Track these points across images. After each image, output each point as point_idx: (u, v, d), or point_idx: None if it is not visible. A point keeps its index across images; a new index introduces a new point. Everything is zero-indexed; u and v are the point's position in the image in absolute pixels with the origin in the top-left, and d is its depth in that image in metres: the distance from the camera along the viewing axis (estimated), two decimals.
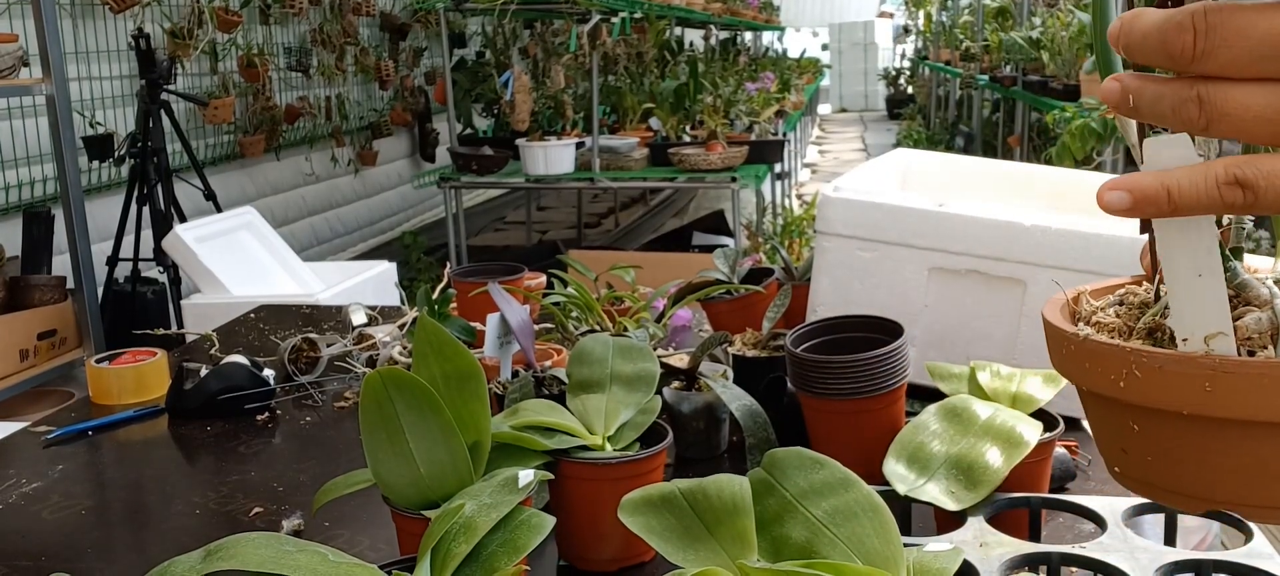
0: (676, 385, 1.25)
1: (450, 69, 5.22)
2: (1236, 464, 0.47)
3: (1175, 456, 0.48)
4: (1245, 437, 0.46)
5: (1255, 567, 0.83)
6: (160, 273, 3.94)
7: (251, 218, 3.42)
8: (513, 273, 1.72)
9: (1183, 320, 0.47)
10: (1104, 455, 0.52)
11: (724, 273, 1.62)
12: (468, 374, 0.86)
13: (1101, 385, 0.49)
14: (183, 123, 4.40)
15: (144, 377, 1.56)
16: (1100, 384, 0.49)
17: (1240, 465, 0.47)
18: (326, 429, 1.43)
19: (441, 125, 6.99)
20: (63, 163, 3.18)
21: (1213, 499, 0.48)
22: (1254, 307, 0.48)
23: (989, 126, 9.74)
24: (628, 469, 0.94)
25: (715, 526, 0.73)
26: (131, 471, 1.36)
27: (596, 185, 4.95)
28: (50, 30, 3.11)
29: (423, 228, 6.98)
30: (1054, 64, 5.98)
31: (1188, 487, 0.48)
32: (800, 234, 5.60)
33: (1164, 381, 0.47)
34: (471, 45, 7.20)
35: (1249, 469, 0.47)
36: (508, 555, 0.72)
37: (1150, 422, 0.49)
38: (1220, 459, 0.47)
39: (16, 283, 3.40)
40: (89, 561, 1.08)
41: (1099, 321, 0.51)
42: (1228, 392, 0.45)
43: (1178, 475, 0.48)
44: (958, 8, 12.19)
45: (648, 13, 5.62)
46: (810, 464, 0.74)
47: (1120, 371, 0.47)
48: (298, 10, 5.48)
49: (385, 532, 1.07)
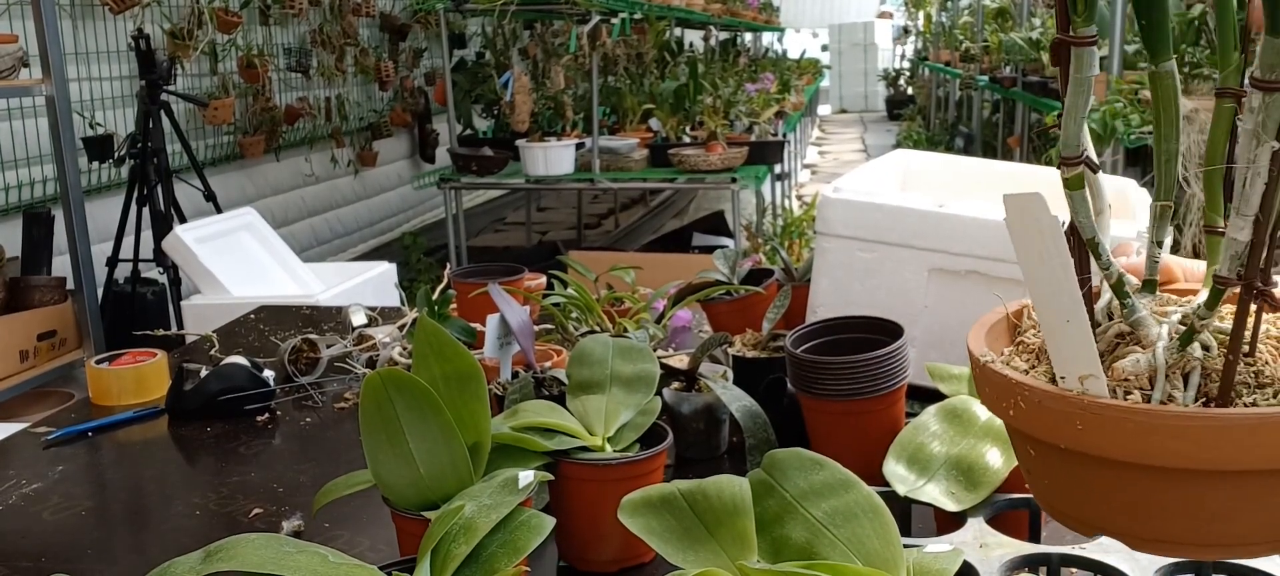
0: (676, 386, 1.25)
1: (450, 70, 5.22)
2: (1115, 498, 0.47)
3: (1064, 486, 0.48)
4: (1118, 475, 0.46)
5: (1255, 568, 0.83)
6: (160, 273, 3.94)
7: (251, 218, 3.42)
8: (513, 273, 1.72)
9: (1059, 361, 0.47)
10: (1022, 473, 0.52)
11: (724, 273, 1.62)
12: (468, 375, 0.86)
13: (996, 410, 0.49)
14: (183, 123, 4.40)
15: (144, 378, 1.56)
16: (995, 409, 0.49)
17: (1119, 500, 0.47)
18: (326, 430, 1.43)
19: (441, 126, 7.00)
20: (63, 163, 3.18)
21: (1101, 528, 0.48)
22: (1139, 348, 0.47)
23: (989, 127, 9.74)
24: (628, 470, 0.94)
25: (715, 527, 0.73)
26: (131, 472, 1.36)
27: (596, 186, 4.95)
28: (50, 31, 3.11)
29: (423, 228, 6.97)
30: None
31: (1079, 514, 0.48)
32: (800, 235, 5.60)
33: (1044, 416, 0.47)
34: (471, 46, 7.20)
35: (1128, 504, 0.47)
36: (508, 556, 0.72)
37: (1040, 451, 0.49)
38: (1100, 493, 0.48)
39: (16, 283, 3.40)
40: (89, 562, 1.08)
41: (1023, 343, 0.51)
42: (1096, 432, 0.46)
43: (1069, 502, 0.48)
44: (957, 9, 12.19)
45: (648, 14, 5.62)
46: (810, 465, 0.74)
47: (1010, 401, 0.48)
48: (297, 11, 5.48)
49: (385, 533, 1.07)
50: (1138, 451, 0.45)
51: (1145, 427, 0.44)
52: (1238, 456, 0.42)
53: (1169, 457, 0.44)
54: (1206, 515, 0.44)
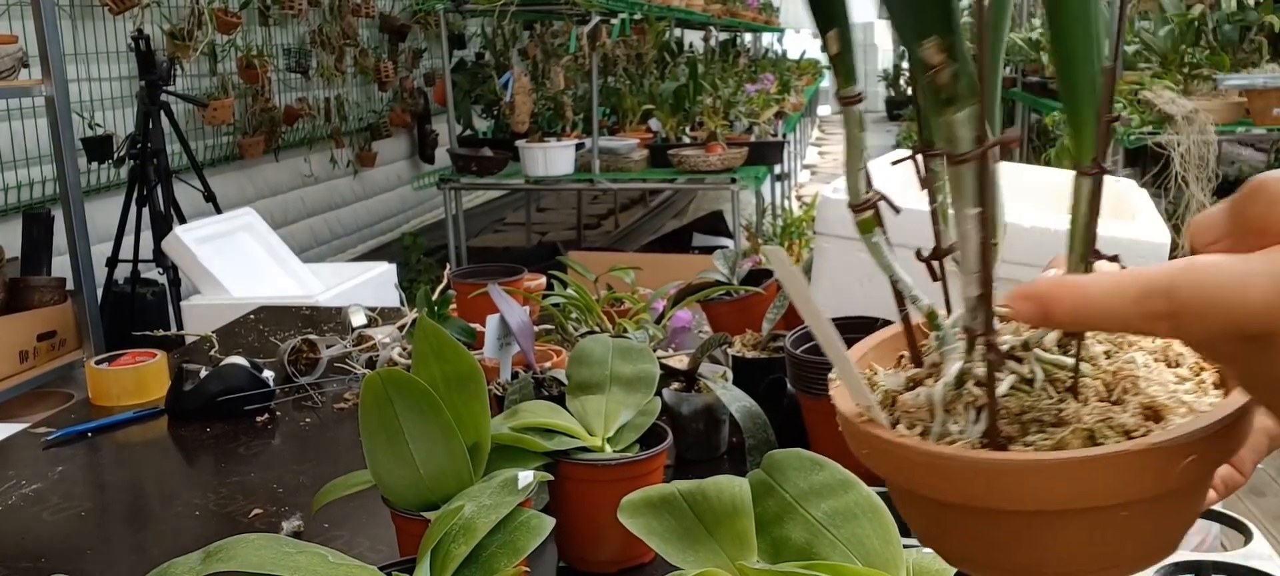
0: (676, 386, 1.25)
1: (450, 70, 5.22)
2: (946, 529, 0.46)
3: (908, 514, 0.47)
4: (927, 508, 0.46)
5: (1254, 568, 0.83)
6: (160, 274, 3.94)
7: (251, 219, 3.42)
8: (512, 274, 1.72)
9: (853, 396, 0.47)
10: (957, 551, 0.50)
11: (724, 274, 1.62)
12: (467, 375, 0.86)
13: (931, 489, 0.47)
14: (182, 124, 4.40)
15: (143, 379, 1.56)
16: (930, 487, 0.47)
17: (958, 533, 0.46)
18: (326, 430, 1.43)
19: (441, 126, 6.99)
20: (62, 164, 3.18)
21: (951, 559, 0.48)
22: (930, 383, 0.47)
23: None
24: (627, 470, 0.94)
25: (715, 527, 0.73)
26: (131, 473, 1.36)
27: (596, 186, 4.95)
28: (50, 31, 3.11)
29: (422, 229, 6.97)
30: (1053, 66, 5.98)
31: (933, 544, 0.47)
32: (800, 235, 5.60)
33: (853, 441, 0.47)
34: (471, 46, 7.20)
35: (965, 535, 0.45)
36: (507, 556, 0.72)
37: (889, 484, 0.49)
38: (927, 523, 0.47)
39: (16, 284, 3.40)
40: (89, 563, 1.08)
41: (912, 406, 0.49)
42: (880, 463, 0.46)
43: (919, 530, 0.47)
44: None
45: (647, 14, 5.62)
46: (810, 465, 0.74)
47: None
48: (297, 11, 5.48)
49: (385, 534, 1.07)
50: (927, 486, 0.44)
51: (911, 463, 0.44)
52: (1005, 498, 0.41)
53: (951, 495, 0.43)
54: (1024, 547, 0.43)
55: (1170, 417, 0.42)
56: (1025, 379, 0.45)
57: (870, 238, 0.45)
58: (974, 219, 0.42)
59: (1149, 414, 0.42)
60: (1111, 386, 0.44)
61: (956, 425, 0.44)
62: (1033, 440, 0.43)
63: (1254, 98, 4.11)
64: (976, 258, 0.43)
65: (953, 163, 0.42)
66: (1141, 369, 0.44)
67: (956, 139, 0.42)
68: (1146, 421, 0.42)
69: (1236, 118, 4.16)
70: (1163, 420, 0.42)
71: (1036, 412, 0.44)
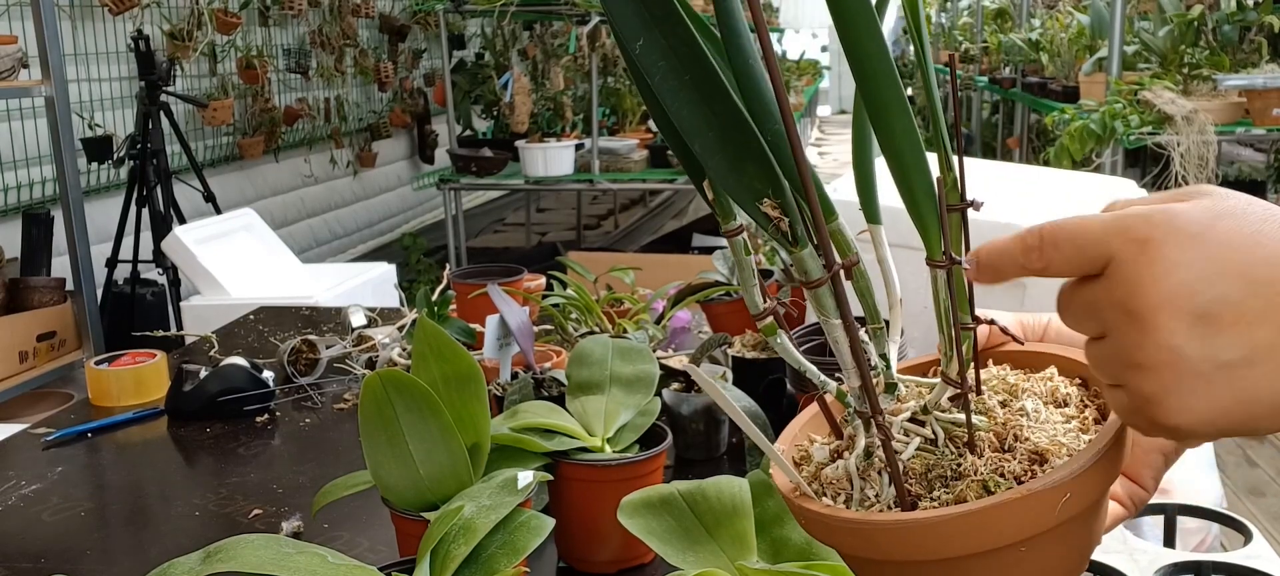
0: (676, 386, 1.25)
1: (449, 70, 5.22)
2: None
3: (853, 570, 0.52)
4: (861, 566, 0.51)
5: (1254, 569, 0.83)
6: (160, 274, 3.94)
7: (251, 219, 3.41)
8: (512, 274, 1.72)
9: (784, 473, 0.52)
10: None
11: (723, 274, 1.62)
12: (467, 376, 0.86)
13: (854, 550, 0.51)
14: (182, 124, 4.40)
15: (143, 379, 1.56)
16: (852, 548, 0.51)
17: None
18: (326, 430, 1.43)
19: (441, 127, 6.99)
20: (62, 164, 3.18)
21: None
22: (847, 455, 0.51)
23: (988, 128, 9.74)
24: (627, 470, 0.94)
25: (715, 528, 0.74)
26: (131, 473, 1.36)
27: (596, 187, 4.95)
28: (50, 32, 3.10)
29: (422, 229, 6.97)
30: (1053, 66, 5.98)
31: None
32: None
33: (792, 512, 0.52)
34: (471, 47, 7.20)
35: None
36: (507, 556, 0.72)
37: None
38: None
39: (16, 284, 3.40)
40: (89, 563, 1.08)
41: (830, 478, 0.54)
42: (815, 530, 0.50)
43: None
44: (957, 9, 12.19)
45: None
46: None
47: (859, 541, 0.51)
48: (297, 12, 5.48)
49: (385, 534, 1.07)
50: (853, 548, 0.49)
51: (836, 529, 0.49)
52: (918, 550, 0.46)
53: (875, 553, 0.48)
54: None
55: (1052, 460, 0.48)
56: (929, 439, 0.50)
57: (775, 339, 0.50)
58: (839, 327, 0.49)
59: (1035, 458, 0.48)
60: (1002, 436, 0.49)
61: (872, 490, 0.49)
62: (938, 495, 0.48)
63: (1254, 98, 4.11)
64: (850, 356, 0.49)
65: (808, 287, 0.48)
66: (1031, 415, 0.50)
67: (807, 270, 0.48)
68: (1033, 465, 0.48)
69: (1236, 118, 4.16)
70: (1048, 462, 0.48)
71: (940, 469, 0.49)
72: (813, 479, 0.52)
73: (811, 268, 0.48)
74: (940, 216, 0.49)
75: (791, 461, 0.54)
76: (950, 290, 0.50)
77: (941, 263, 0.50)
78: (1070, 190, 1.54)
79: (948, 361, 0.51)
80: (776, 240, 0.47)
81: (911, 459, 0.50)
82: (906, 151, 0.49)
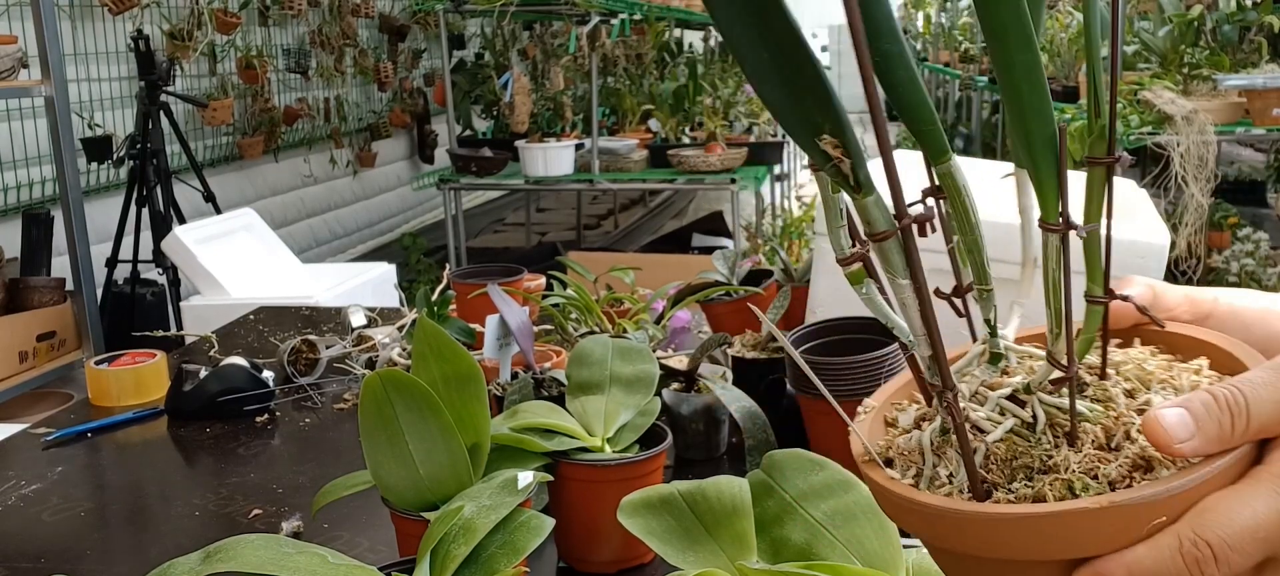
0: (676, 386, 1.25)
1: (449, 70, 5.22)
2: (941, 564, 0.47)
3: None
4: (928, 545, 0.47)
5: None
6: (159, 274, 3.94)
7: (251, 219, 3.41)
8: (512, 274, 1.72)
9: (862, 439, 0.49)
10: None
11: (723, 274, 1.62)
12: (467, 375, 0.86)
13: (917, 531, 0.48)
14: (182, 124, 4.40)
15: (143, 379, 1.56)
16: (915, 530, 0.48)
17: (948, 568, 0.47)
18: (326, 430, 1.43)
19: (440, 127, 6.99)
20: (62, 164, 3.18)
21: None
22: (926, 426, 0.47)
23: (988, 128, 9.74)
24: (627, 470, 0.94)
25: (715, 528, 0.73)
26: (131, 473, 1.36)
27: (596, 187, 4.95)
28: (50, 32, 3.10)
29: (422, 229, 6.97)
30: (1053, 65, 5.98)
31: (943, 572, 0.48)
32: (799, 235, 5.60)
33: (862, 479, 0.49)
34: (470, 47, 7.20)
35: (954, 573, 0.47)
36: (507, 557, 0.72)
37: None
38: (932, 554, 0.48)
39: (16, 284, 3.40)
40: (88, 563, 1.08)
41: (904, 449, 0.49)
42: (879, 502, 0.47)
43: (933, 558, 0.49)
44: (957, 9, 12.19)
45: (647, 15, 5.62)
46: (809, 465, 0.74)
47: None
48: (296, 12, 5.48)
49: (385, 534, 1.07)
50: (911, 527, 0.45)
51: (895, 506, 0.45)
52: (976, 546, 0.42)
53: (932, 537, 0.44)
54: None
55: (1158, 471, 0.41)
56: (1026, 422, 0.45)
57: (861, 289, 0.45)
58: (907, 289, 0.43)
59: (1140, 465, 0.42)
60: (1112, 432, 0.43)
61: (946, 469, 0.45)
62: (1017, 487, 0.43)
63: (1253, 98, 4.11)
64: (919, 321, 0.44)
65: (874, 241, 0.43)
66: None
67: (873, 220, 0.42)
68: (1135, 472, 0.41)
69: (1236, 118, 4.16)
70: (1153, 471, 0.41)
71: (1027, 459, 0.43)
72: (889, 446, 0.47)
73: (877, 217, 0.42)
74: (1059, 171, 0.43)
75: (883, 421, 0.49)
76: (1064, 257, 0.44)
77: (1056, 227, 0.44)
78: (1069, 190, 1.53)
79: (1054, 339, 0.45)
80: (838, 183, 0.42)
81: (999, 443, 0.44)
82: (1026, 91, 0.42)
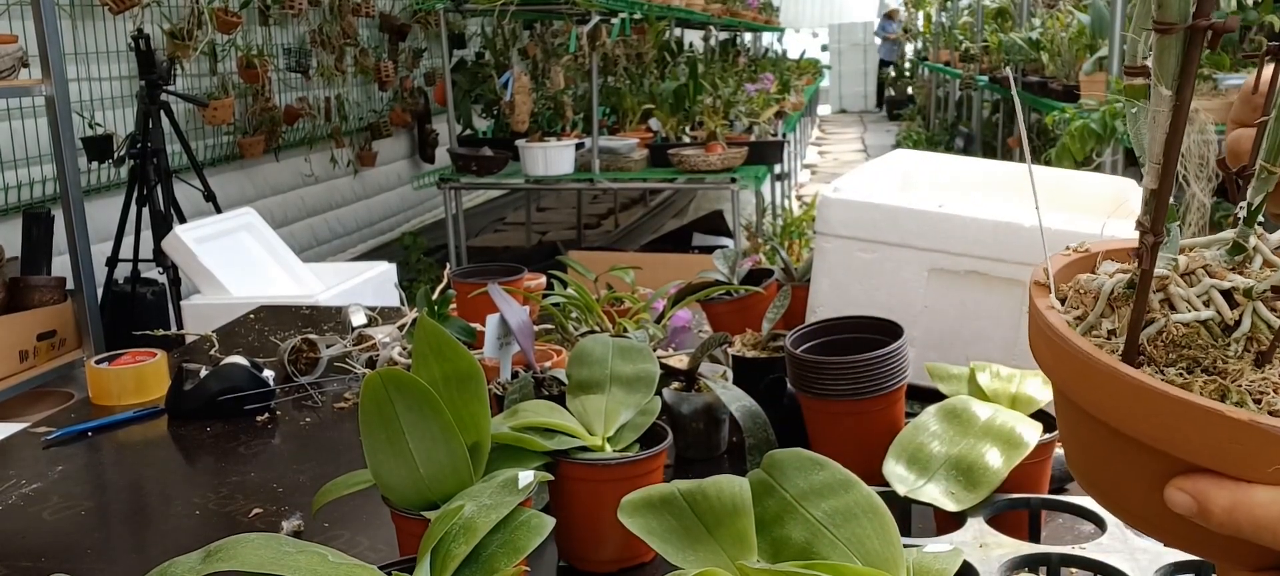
0: (676, 386, 1.25)
1: (450, 70, 5.22)
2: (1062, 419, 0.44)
3: (1095, 454, 0.45)
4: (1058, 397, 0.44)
5: None
6: (160, 273, 3.94)
7: (251, 218, 3.42)
8: (512, 273, 1.72)
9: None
10: (1063, 443, 0.48)
11: (724, 273, 1.62)
12: (467, 375, 0.86)
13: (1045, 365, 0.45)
14: (182, 123, 4.40)
15: (144, 378, 1.56)
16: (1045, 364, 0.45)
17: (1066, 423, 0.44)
18: (326, 430, 1.43)
19: (441, 126, 6.99)
20: (62, 163, 3.18)
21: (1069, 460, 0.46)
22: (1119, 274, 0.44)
23: (989, 127, 9.74)
24: (627, 470, 0.94)
25: (715, 527, 0.73)
26: (131, 472, 1.36)
27: (596, 186, 4.95)
28: (50, 31, 3.10)
29: (422, 228, 6.97)
30: (1054, 65, 5.98)
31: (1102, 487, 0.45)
32: (800, 235, 5.60)
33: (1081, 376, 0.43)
34: (471, 46, 7.19)
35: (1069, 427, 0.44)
36: (507, 556, 0.72)
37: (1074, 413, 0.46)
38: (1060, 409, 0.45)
39: (16, 283, 3.40)
40: (89, 562, 1.08)
41: (1084, 288, 0.47)
42: (1031, 332, 0.44)
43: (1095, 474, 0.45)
44: (957, 9, 12.19)
45: (647, 14, 5.62)
46: (810, 465, 0.74)
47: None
48: (297, 11, 5.48)
49: (385, 533, 1.07)
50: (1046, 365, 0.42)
51: (1042, 336, 0.42)
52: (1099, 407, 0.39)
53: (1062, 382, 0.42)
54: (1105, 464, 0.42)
55: None
56: (1225, 323, 0.42)
57: (1130, 108, 0.42)
58: (1167, 100, 0.38)
59: None
60: None
61: (1110, 323, 0.42)
62: (1169, 372, 0.40)
63: None
64: (1161, 146, 0.39)
65: (1158, 30, 0.38)
66: None
67: (1167, 5, 0.37)
68: None
69: None
70: None
71: (1199, 353, 0.41)
72: (1073, 283, 0.45)
73: (1173, 6, 0.38)
74: None
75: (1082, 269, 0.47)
76: None
77: None
78: (1070, 189, 1.54)
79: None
80: None
81: (1180, 324, 0.41)
82: None
